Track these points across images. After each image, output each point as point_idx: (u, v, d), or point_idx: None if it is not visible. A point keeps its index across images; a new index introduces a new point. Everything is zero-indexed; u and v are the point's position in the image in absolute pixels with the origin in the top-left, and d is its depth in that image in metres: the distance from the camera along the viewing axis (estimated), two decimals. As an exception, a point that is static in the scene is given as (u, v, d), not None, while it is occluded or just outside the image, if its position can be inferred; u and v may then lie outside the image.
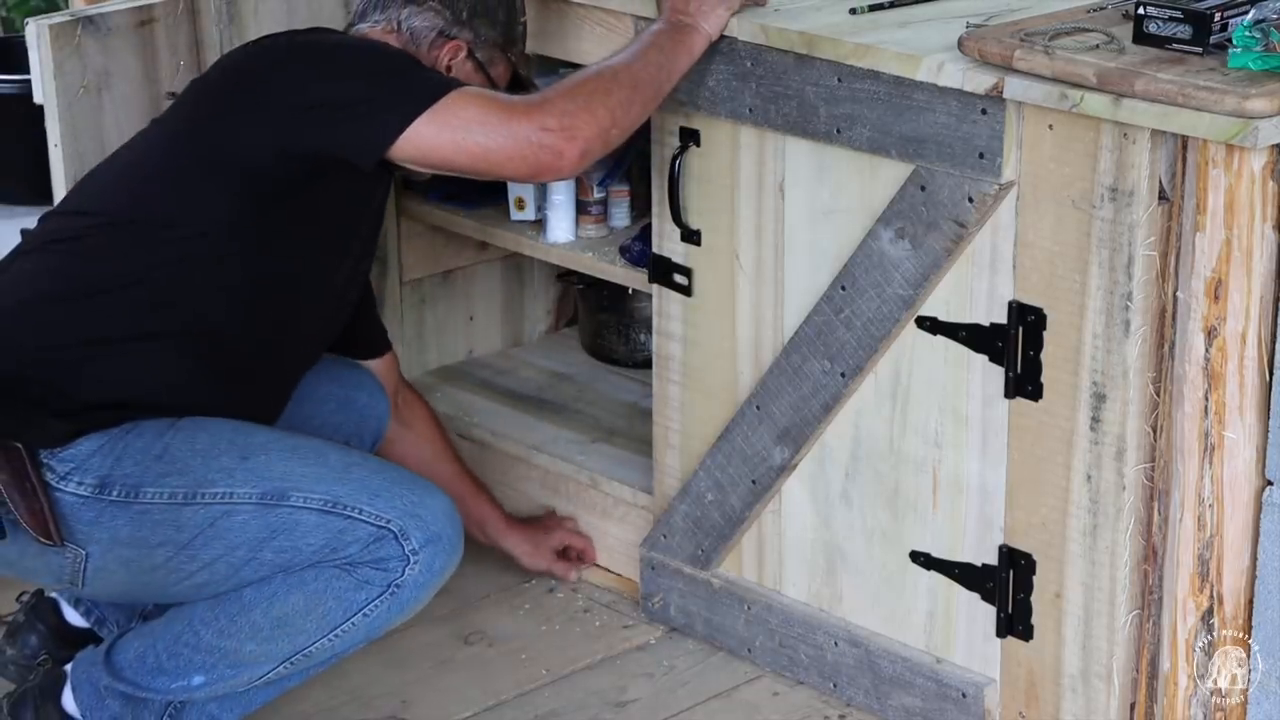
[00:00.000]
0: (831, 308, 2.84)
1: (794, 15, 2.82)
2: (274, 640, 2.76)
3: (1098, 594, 2.66)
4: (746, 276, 2.96)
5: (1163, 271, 2.53)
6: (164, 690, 2.79)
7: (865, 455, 2.89)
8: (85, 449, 2.67)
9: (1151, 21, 2.50)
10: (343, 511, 2.71)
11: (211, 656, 2.77)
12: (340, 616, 2.76)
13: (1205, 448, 2.56)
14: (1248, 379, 2.54)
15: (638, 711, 3.04)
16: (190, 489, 2.69)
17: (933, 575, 2.84)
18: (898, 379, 2.81)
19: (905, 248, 2.72)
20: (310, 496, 2.71)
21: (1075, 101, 2.48)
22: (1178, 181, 2.50)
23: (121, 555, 2.70)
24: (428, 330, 3.76)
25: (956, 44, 2.61)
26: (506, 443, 3.50)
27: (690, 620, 3.16)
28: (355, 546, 2.72)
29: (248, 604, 2.75)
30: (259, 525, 2.70)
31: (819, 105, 2.77)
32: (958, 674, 2.84)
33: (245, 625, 2.75)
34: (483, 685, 3.12)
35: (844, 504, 2.93)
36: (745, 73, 2.84)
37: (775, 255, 2.92)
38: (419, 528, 2.73)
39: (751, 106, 2.85)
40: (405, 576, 2.74)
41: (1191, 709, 2.65)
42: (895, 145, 2.70)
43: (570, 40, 3.08)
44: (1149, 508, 2.62)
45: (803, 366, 2.90)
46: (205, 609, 2.77)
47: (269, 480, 2.70)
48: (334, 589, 2.74)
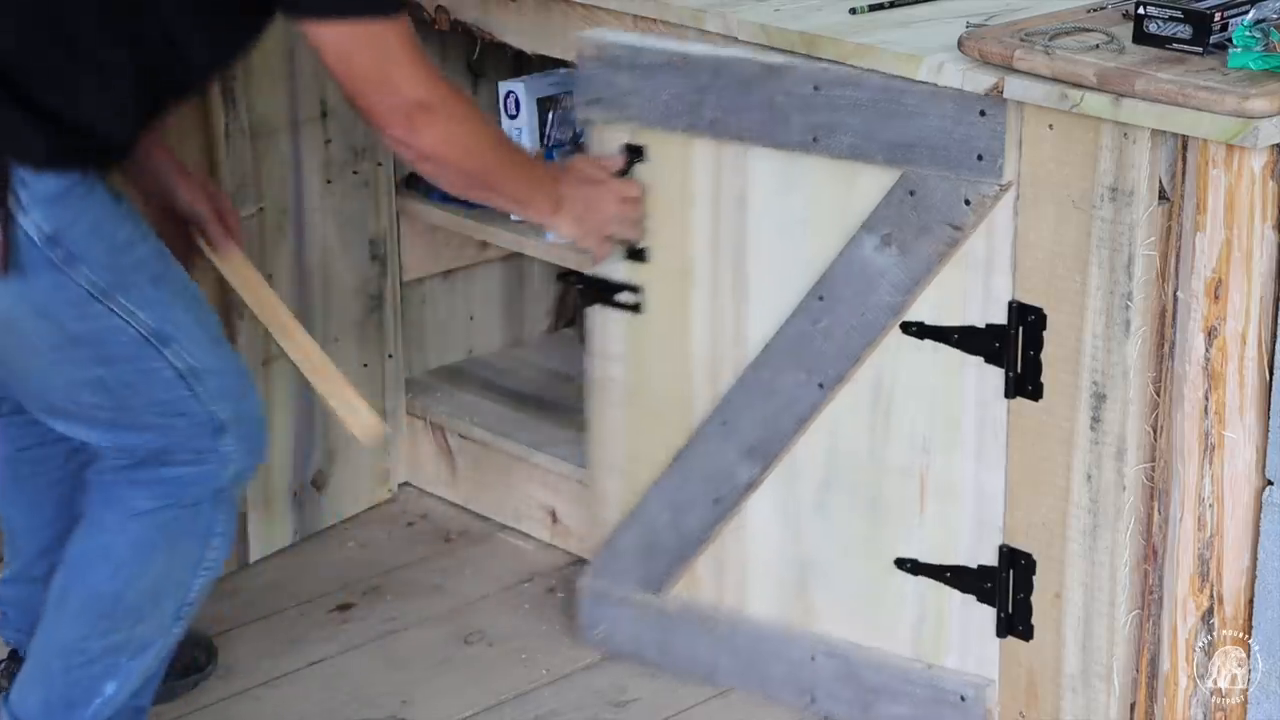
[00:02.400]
0: (809, 318, 2.81)
1: (794, 15, 2.82)
2: (157, 609, 2.75)
3: (1098, 594, 2.66)
4: (703, 291, 2.91)
5: (1163, 271, 2.54)
6: (89, 718, 2.77)
7: (842, 465, 2.85)
8: (54, 186, 2.59)
9: (1151, 21, 2.50)
10: (192, 385, 2.69)
11: (109, 659, 2.75)
12: (199, 548, 2.75)
13: (1205, 448, 2.56)
14: (1248, 379, 2.54)
15: (638, 711, 3.04)
16: (108, 287, 2.63)
17: (920, 580, 2.83)
18: (879, 386, 2.79)
19: (892, 254, 2.71)
20: (182, 354, 2.68)
21: (1075, 101, 2.48)
22: (1178, 181, 2.50)
23: (20, 316, 2.64)
24: (428, 330, 3.76)
25: (956, 44, 2.61)
26: (506, 443, 3.51)
27: (639, 647, 3.11)
28: (183, 422, 2.69)
29: (113, 594, 2.72)
30: (130, 355, 2.67)
31: (791, 114, 2.74)
32: (954, 678, 2.83)
33: (124, 613, 2.73)
34: (483, 685, 3.12)
35: (818, 516, 2.90)
36: (703, 86, 2.81)
37: (735, 269, 2.88)
38: (239, 426, 2.73)
39: (712, 119, 2.82)
40: (223, 478, 2.73)
41: (1191, 709, 2.65)
42: (882, 151, 2.68)
43: (571, 40, 3.08)
44: (1149, 508, 2.62)
45: (774, 380, 2.86)
46: (73, 626, 2.74)
47: (164, 320, 2.68)
48: (178, 529, 2.73)
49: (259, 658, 3.21)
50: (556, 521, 3.48)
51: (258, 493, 3.46)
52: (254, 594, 3.39)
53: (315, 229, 3.47)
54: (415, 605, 3.33)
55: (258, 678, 3.16)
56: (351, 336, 3.54)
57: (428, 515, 3.64)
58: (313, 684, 3.07)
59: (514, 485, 3.51)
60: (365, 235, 3.55)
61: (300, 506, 3.55)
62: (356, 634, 3.28)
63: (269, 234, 3.40)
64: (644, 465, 3.03)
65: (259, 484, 3.46)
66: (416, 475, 3.72)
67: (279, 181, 3.41)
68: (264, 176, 3.37)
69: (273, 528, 3.51)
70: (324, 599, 3.38)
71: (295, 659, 3.21)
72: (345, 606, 3.36)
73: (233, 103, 3.29)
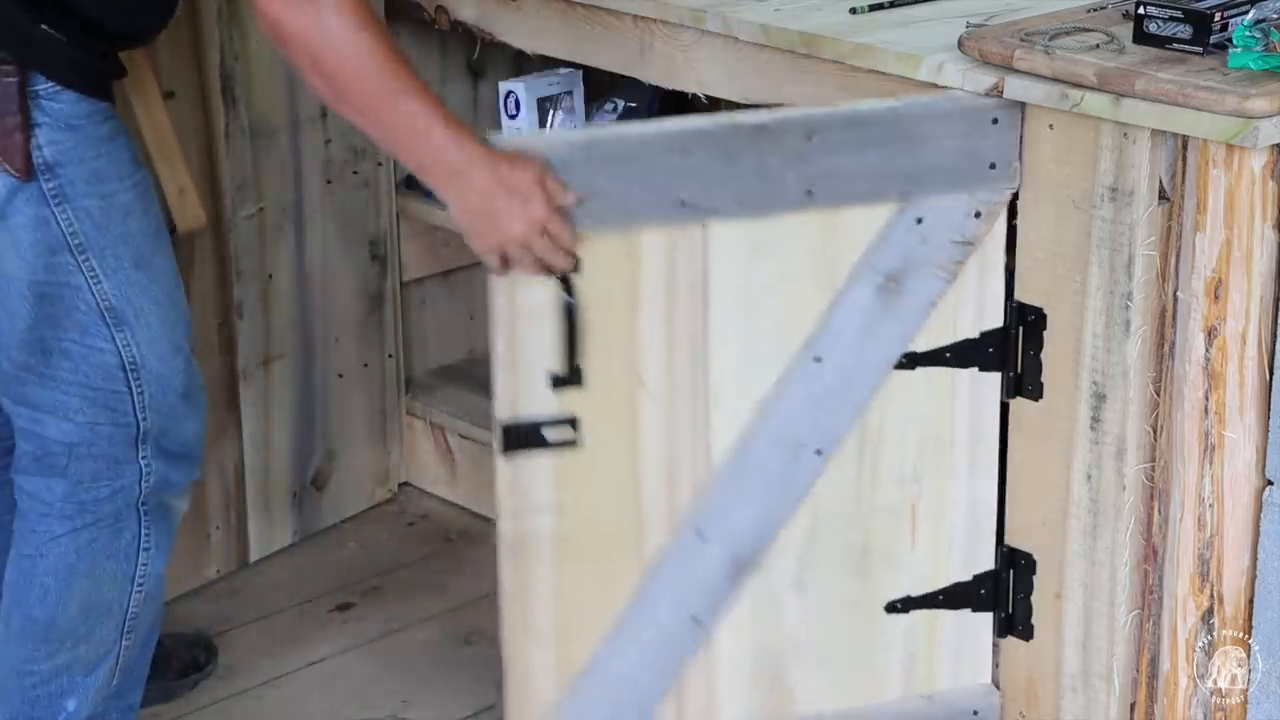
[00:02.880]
0: (803, 385, 2.57)
1: (794, 15, 2.81)
2: (97, 628, 2.71)
3: (1098, 594, 2.66)
4: (655, 399, 2.54)
5: (1163, 271, 2.53)
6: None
7: (824, 530, 2.65)
8: (69, 110, 2.53)
9: (1151, 21, 2.50)
10: (129, 382, 2.63)
11: (62, 678, 2.72)
12: (127, 566, 2.70)
13: (1205, 448, 2.56)
14: (1248, 379, 2.54)
15: (638, 711, 3.04)
16: (86, 242, 2.57)
17: (911, 616, 2.74)
18: (866, 432, 2.63)
19: (895, 292, 2.57)
20: (132, 345, 2.62)
21: (1075, 101, 2.48)
22: (1178, 181, 2.50)
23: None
24: (428, 330, 3.76)
25: (956, 44, 2.61)
26: (506, 443, 3.50)
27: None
28: (107, 419, 2.63)
29: (46, 619, 2.68)
30: (80, 325, 2.60)
31: (785, 173, 2.49)
32: (958, 698, 2.79)
33: (60, 635, 2.70)
34: (483, 685, 3.11)
35: (798, 594, 2.66)
36: (678, 167, 2.46)
37: (694, 366, 2.54)
38: (164, 441, 2.67)
39: (684, 199, 2.47)
40: (140, 490, 2.68)
41: (1191, 709, 2.65)
42: (894, 185, 2.54)
43: (570, 40, 3.08)
44: (1149, 507, 2.62)
45: (764, 466, 2.59)
46: (19, 648, 2.71)
47: (127, 302, 2.61)
48: (97, 550, 2.67)
49: (259, 658, 3.21)
50: (556, 521, 3.47)
51: (258, 493, 3.46)
52: (254, 594, 3.39)
53: (315, 229, 3.48)
54: (415, 605, 3.33)
55: (258, 678, 3.16)
56: (352, 336, 3.55)
57: (428, 515, 3.64)
58: (313, 684, 3.07)
59: (514, 485, 3.50)
60: (365, 235, 3.56)
61: (300, 506, 3.55)
62: (356, 634, 3.28)
63: (269, 234, 3.40)
64: (585, 621, 2.59)
65: (259, 484, 3.46)
66: (416, 475, 3.72)
67: (279, 181, 3.41)
68: (264, 176, 3.38)
69: (273, 528, 3.51)
70: (324, 599, 3.38)
71: (295, 659, 3.21)
72: (345, 606, 3.36)
73: (233, 103, 3.30)
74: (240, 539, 3.45)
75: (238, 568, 3.44)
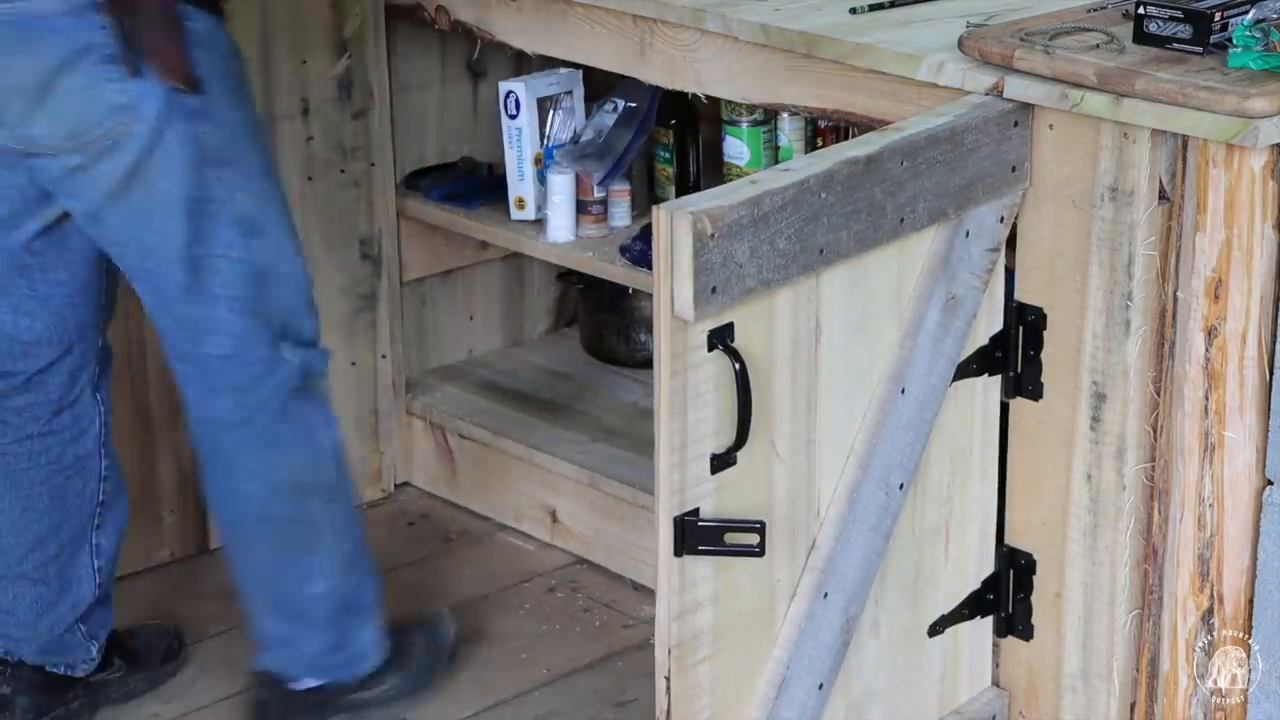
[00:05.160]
0: (893, 420, 2.48)
1: (794, 15, 2.82)
2: (309, 501, 2.85)
3: (1098, 594, 2.66)
4: (784, 463, 2.39)
5: (1163, 271, 2.53)
6: (341, 618, 2.92)
7: (892, 564, 2.58)
8: (203, 25, 2.63)
9: (1151, 21, 2.50)
10: (262, 286, 2.74)
11: (309, 561, 2.86)
12: (309, 447, 2.84)
13: (1205, 447, 2.56)
14: (1248, 379, 2.54)
15: (638, 711, 3.04)
16: (225, 156, 2.67)
17: (945, 634, 2.71)
18: (926, 455, 2.60)
19: (953, 310, 2.52)
20: (267, 251, 2.73)
21: (1075, 101, 2.48)
22: (1178, 181, 2.50)
23: (151, 164, 2.64)
24: (428, 330, 3.76)
25: (956, 44, 2.61)
26: (506, 443, 3.51)
27: None
28: (250, 325, 2.74)
29: (274, 517, 2.83)
30: (224, 239, 2.70)
31: (886, 202, 2.40)
32: (979, 710, 2.78)
33: (288, 528, 2.84)
34: (483, 685, 3.12)
35: (873, 638, 2.60)
36: (815, 212, 2.32)
37: (808, 414, 2.40)
38: (301, 335, 2.81)
39: (823, 246, 2.33)
40: (294, 379, 2.80)
41: (1191, 709, 2.65)
42: (952, 203, 2.49)
43: (571, 40, 3.08)
44: (1149, 507, 2.62)
45: (863, 511, 2.49)
46: (268, 561, 2.87)
47: (260, 213, 2.72)
48: (281, 444, 2.81)
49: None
50: (556, 521, 3.48)
51: (258, 493, 3.45)
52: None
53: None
54: (415, 605, 3.33)
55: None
56: (339, 334, 3.51)
57: (428, 515, 3.64)
58: (313, 684, 3.07)
59: (514, 485, 3.51)
60: (354, 234, 3.54)
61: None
62: (356, 634, 3.28)
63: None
64: (731, 710, 2.43)
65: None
66: (416, 475, 3.72)
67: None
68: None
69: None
70: (324, 599, 3.38)
71: (295, 659, 3.20)
72: (345, 606, 3.36)
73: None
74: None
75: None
